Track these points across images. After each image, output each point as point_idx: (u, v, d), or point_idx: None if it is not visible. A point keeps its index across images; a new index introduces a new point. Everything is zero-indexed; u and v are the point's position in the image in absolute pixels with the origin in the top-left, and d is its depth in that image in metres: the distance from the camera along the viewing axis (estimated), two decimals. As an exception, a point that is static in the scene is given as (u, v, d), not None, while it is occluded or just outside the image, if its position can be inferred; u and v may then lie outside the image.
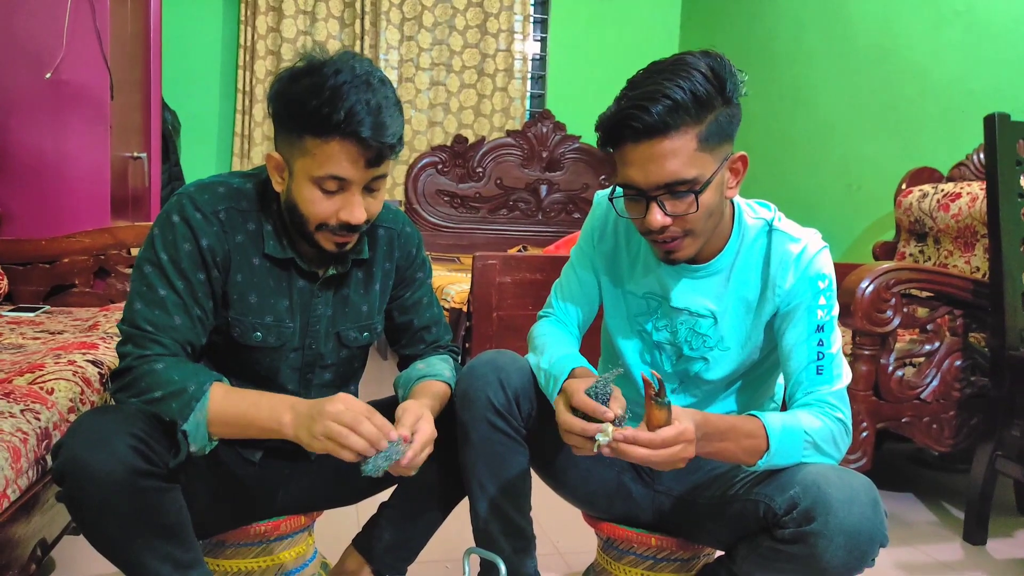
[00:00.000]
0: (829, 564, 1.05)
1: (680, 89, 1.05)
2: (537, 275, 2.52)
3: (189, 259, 1.14)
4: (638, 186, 1.10)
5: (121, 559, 1.09)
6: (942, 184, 2.63)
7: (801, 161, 3.66)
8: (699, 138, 1.07)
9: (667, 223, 1.11)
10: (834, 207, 3.41)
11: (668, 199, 1.10)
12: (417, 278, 1.37)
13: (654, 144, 1.06)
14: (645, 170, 1.08)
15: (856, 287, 1.91)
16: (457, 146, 4.37)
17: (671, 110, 1.05)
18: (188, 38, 4.03)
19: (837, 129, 3.43)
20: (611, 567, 1.45)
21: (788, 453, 1.10)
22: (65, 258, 2.20)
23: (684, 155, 1.07)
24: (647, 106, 1.05)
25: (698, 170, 1.09)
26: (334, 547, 1.47)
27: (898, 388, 1.97)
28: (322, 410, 1.04)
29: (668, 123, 1.05)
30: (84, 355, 1.44)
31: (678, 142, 1.06)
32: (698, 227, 1.14)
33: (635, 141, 1.07)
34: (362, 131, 1.05)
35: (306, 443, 1.06)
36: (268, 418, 1.08)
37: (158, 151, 2.88)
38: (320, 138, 1.07)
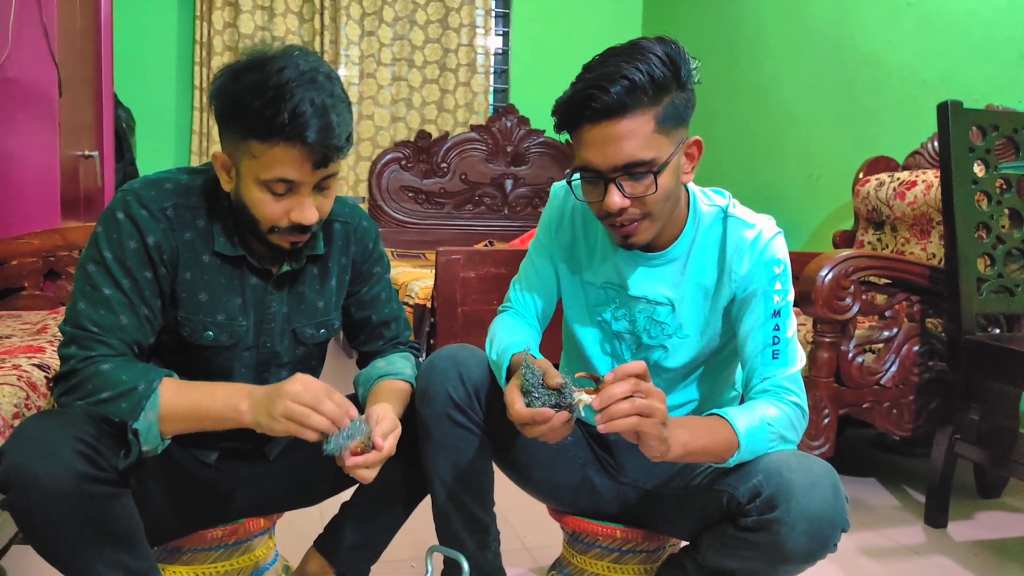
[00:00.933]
0: (792, 550, 1.06)
1: (638, 71, 1.05)
2: (502, 269, 2.51)
3: (135, 257, 1.10)
4: (596, 168, 1.10)
5: (71, 569, 1.05)
6: (898, 172, 2.67)
7: (763, 152, 3.69)
8: (656, 120, 1.07)
9: (625, 205, 1.11)
10: (796, 197, 3.45)
11: (626, 181, 1.10)
12: (374, 273, 1.34)
13: (612, 124, 1.06)
14: (603, 151, 1.08)
15: (816, 275, 1.92)
16: (421, 142, 4.34)
17: (629, 90, 1.05)
18: (141, 34, 3.94)
19: (797, 120, 3.47)
20: (577, 560, 1.45)
21: (756, 448, 1.11)
22: (13, 260, 2.13)
23: (642, 136, 1.07)
24: (605, 86, 1.04)
25: (655, 152, 1.09)
26: (296, 549, 1.44)
27: (858, 374, 2.00)
28: (281, 390, 1.02)
29: (626, 103, 1.05)
30: (30, 359, 1.39)
31: (636, 123, 1.06)
32: (655, 210, 1.13)
33: (593, 122, 1.07)
34: (307, 135, 1.02)
35: (266, 426, 1.03)
36: (224, 407, 1.06)
37: (111, 149, 2.80)
38: (264, 142, 1.03)
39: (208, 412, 1.06)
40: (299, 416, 1.01)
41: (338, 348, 3.85)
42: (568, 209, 1.33)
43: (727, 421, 1.10)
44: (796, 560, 1.09)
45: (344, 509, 1.37)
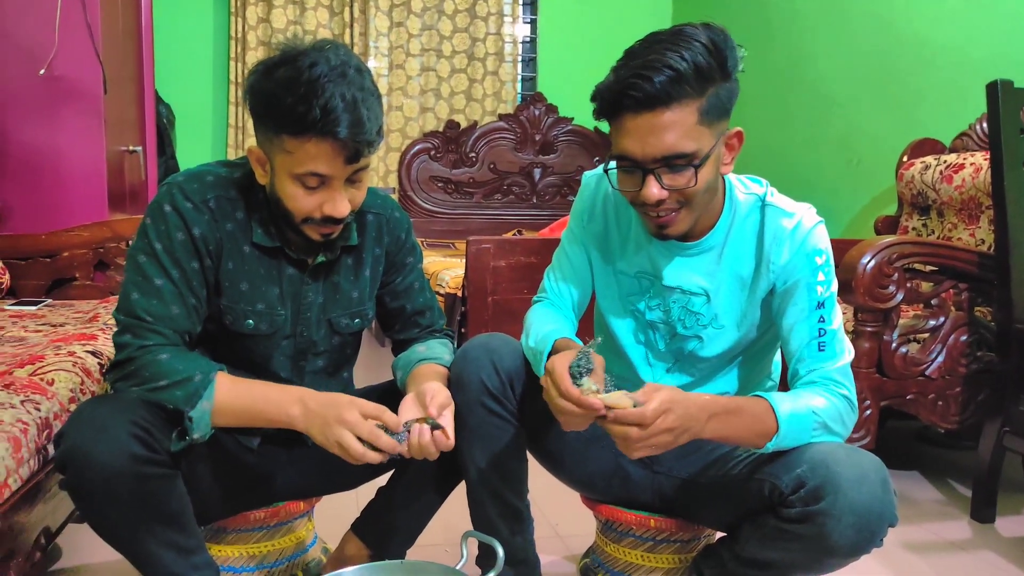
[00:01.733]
0: (837, 543, 1.05)
1: (682, 60, 1.02)
2: (532, 258, 2.51)
3: (183, 248, 1.14)
4: (635, 158, 1.08)
5: (124, 546, 1.10)
6: (944, 155, 2.59)
7: (799, 136, 3.63)
8: (699, 111, 1.05)
9: (663, 197, 1.09)
10: (834, 182, 3.38)
11: (665, 172, 1.08)
12: (407, 263, 1.37)
13: (654, 115, 1.04)
14: (643, 142, 1.06)
15: (857, 263, 1.87)
16: (449, 132, 4.36)
17: (673, 81, 1.02)
18: (179, 31, 4.01)
19: (836, 102, 3.39)
20: (610, 549, 1.46)
21: (797, 435, 1.10)
22: (65, 252, 2.21)
23: (684, 128, 1.05)
24: (649, 75, 1.02)
25: (697, 144, 1.07)
26: (334, 532, 1.48)
27: (902, 365, 1.95)
28: (340, 417, 1.05)
29: (670, 94, 1.03)
30: (84, 346, 1.45)
31: (679, 114, 1.04)
32: (694, 202, 1.12)
33: (635, 111, 1.05)
34: (339, 130, 1.03)
35: (318, 442, 1.08)
36: (276, 411, 1.10)
37: (153, 144, 2.88)
38: (297, 137, 1.05)
39: (261, 414, 1.11)
40: (356, 454, 1.04)
41: (370, 336, 3.91)
42: (600, 198, 1.32)
43: (769, 404, 1.09)
44: (840, 553, 1.07)
45: (380, 494, 1.40)
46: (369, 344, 3.78)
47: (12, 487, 1.04)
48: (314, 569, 1.46)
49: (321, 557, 1.50)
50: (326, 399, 1.08)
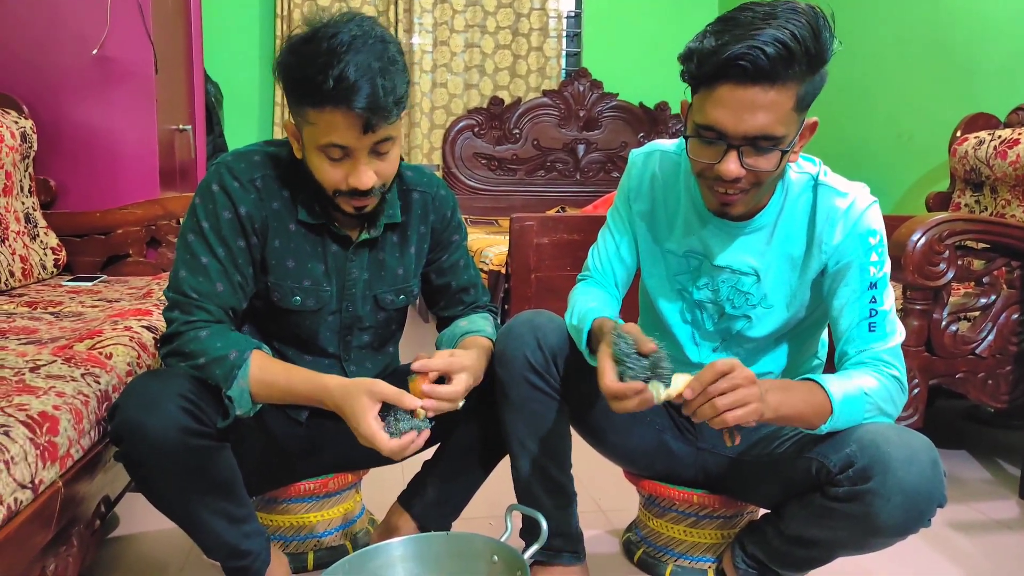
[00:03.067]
0: (885, 523, 1.04)
1: (795, 39, 0.98)
2: (575, 236, 2.50)
3: (229, 227, 1.17)
4: (725, 131, 1.04)
5: (177, 515, 1.15)
6: (999, 130, 2.51)
7: (848, 110, 3.53)
8: (797, 96, 1.02)
9: (741, 175, 1.06)
10: (884, 157, 3.30)
11: (749, 152, 1.05)
12: (453, 241, 1.38)
13: (759, 91, 1.00)
14: (739, 116, 1.02)
15: (907, 240, 1.83)
16: (493, 108, 4.34)
17: (785, 59, 0.98)
18: (226, 10, 4.05)
19: (887, 76, 3.29)
20: (653, 524, 1.47)
21: (851, 417, 1.09)
22: (119, 229, 2.27)
23: (781, 111, 1.02)
24: (763, 48, 0.97)
25: (786, 129, 1.04)
26: (381, 504, 1.51)
27: (952, 343, 1.91)
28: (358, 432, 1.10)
29: (779, 73, 0.99)
30: (139, 321, 1.49)
31: (781, 96, 1.01)
32: (763, 185, 1.10)
33: (739, 82, 1.00)
34: (352, 100, 1.04)
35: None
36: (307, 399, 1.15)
37: (202, 123, 2.93)
38: (315, 108, 1.06)
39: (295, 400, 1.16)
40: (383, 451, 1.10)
41: (414, 313, 3.94)
42: (648, 177, 1.30)
43: (822, 387, 1.08)
44: (887, 533, 1.07)
45: (426, 467, 1.43)
46: (413, 320, 3.82)
47: (74, 457, 1.08)
48: (361, 539, 1.49)
49: (368, 528, 1.53)
50: (340, 402, 1.11)
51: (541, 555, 1.29)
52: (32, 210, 2.13)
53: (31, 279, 2.03)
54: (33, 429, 0.98)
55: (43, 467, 0.98)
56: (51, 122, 2.24)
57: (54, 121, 2.24)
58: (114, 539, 1.60)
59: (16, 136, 2.05)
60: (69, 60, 2.24)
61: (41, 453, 0.98)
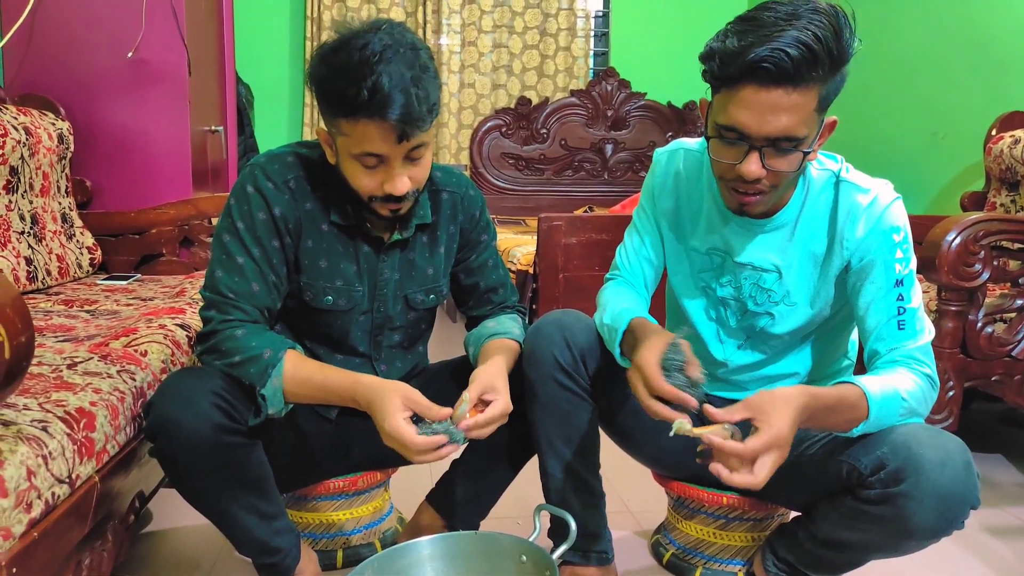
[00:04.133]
0: (918, 526, 1.03)
1: (818, 40, 0.98)
2: (603, 235, 2.50)
3: (264, 227, 1.18)
4: (747, 132, 1.04)
5: (210, 510, 1.17)
6: (1036, 129, 2.47)
7: (879, 108, 3.47)
8: (819, 97, 1.02)
9: (762, 175, 1.06)
10: (917, 156, 3.24)
11: (771, 153, 1.05)
12: (482, 241, 1.38)
13: (782, 93, 1.00)
14: (762, 118, 1.02)
15: (941, 240, 1.80)
16: (521, 108, 4.34)
17: (809, 62, 0.98)
18: (258, 12, 4.10)
19: (919, 72, 3.24)
20: (682, 526, 1.45)
21: (885, 420, 1.08)
22: (153, 229, 2.31)
23: (803, 113, 1.02)
24: (787, 50, 0.97)
25: (808, 130, 1.04)
26: (410, 503, 1.52)
27: (987, 345, 1.88)
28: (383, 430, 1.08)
29: (802, 75, 0.99)
30: (173, 319, 1.52)
31: (803, 98, 1.01)
32: (782, 185, 1.11)
33: (763, 84, 1.00)
34: (387, 111, 1.04)
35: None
36: (339, 398, 1.15)
37: (234, 124, 2.96)
38: (349, 119, 1.07)
39: (327, 400, 1.16)
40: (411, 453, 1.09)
41: (442, 312, 3.96)
42: (672, 175, 1.31)
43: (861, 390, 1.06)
44: (920, 536, 1.06)
45: (454, 466, 1.43)
46: (441, 319, 3.83)
47: (110, 452, 1.10)
48: (390, 538, 1.50)
49: (397, 527, 1.54)
50: (372, 397, 1.10)
51: (570, 556, 1.29)
52: (68, 210, 2.17)
53: (67, 278, 2.08)
54: (71, 425, 1.00)
55: (80, 463, 1.00)
56: (87, 124, 2.28)
57: (90, 123, 2.29)
58: (147, 534, 1.63)
59: (53, 137, 2.09)
60: (105, 63, 2.28)
61: (78, 449, 1.00)
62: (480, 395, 1.11)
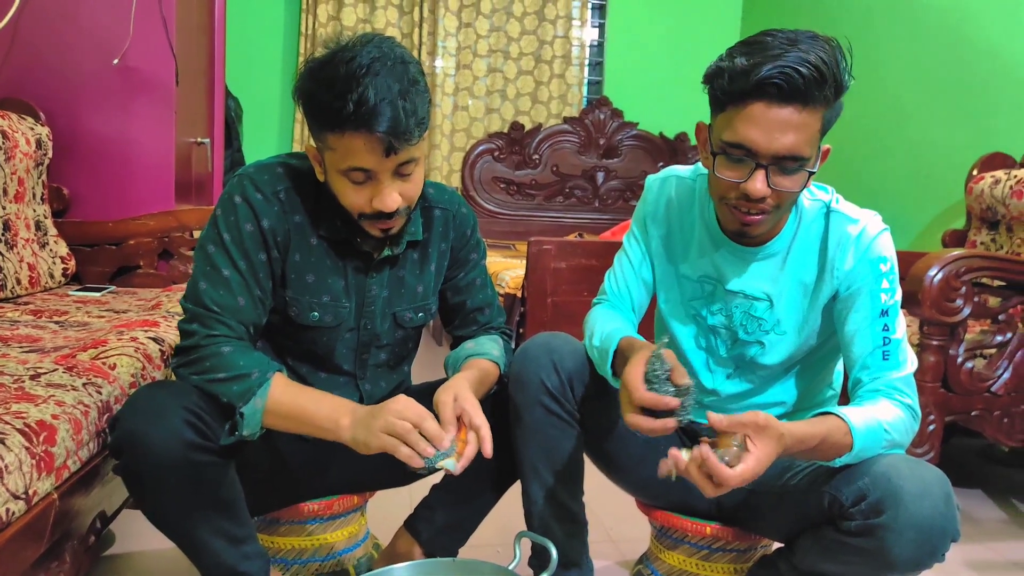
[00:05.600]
0: (897, 558, 1.03)
1: (824, 63, 1.01)
2: (593, 261, 2.48)
3: (251, 239, 1.15)
4: (755, 149, 1.04)
5: (175, 532, 1.11)
6: (1015, 170, 2.52)
7: (866, 147, 3.52)
8: (823, 119, 1.05)
9: (767, 194, 1.07)
10: (902, 194, 3.28)
11: (776, 172, 1.06)
12: (471, 259, 1.36)
13: (792, 111, 1.02)
14: (770, 135, 1.03)
15: (924, 275, 1.82)
16: (514, 133, 4.35)
17: (818, 82, 1.01)
18: (251, 26, 4.09)
19: (905, 113, 3.29)
20: (665, 556, 1.43)
21: (868, 451, 1.08)
22: (131, 240, 2.25)
23: (809, 133, 1.04)
24: (798, 68, 0.99)
25: (811, 151, 1.06)
26: (386, 528, 1.47)
27: (968, 380, 1.89)
28: (384, 407, 1.04)
29: (813, 94, 1.01)
30: (146, 332, 1.47)
31: (811, 117, 1.03)
32: (784, 207, 1.11)
33: (773, 101, 1.01)
34: (373, 124, 1.02)
35: (362, 442, 1.05)
36: (327, 418, 1.08)
37: (221, 137, 2.92)
38: (336, 133, 1.05)
39: (311, 418, 1.09)
40: (400, 431, 1.02)
41: (428, 335, 3.92)
42: (664, 202, 1.31)
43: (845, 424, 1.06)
44: (900, 568, 1.05)
45: (434, 491, 1.39)
46: (427, 342, 3.79)
47: (71, 468, 1.05)
48: (365, 565, 1.45)
49: (373, 553, 1.50)
50: (375, 406, 1.07)
51: (550, 585, 1.25)
52: (43, 218, 2.12)
53: (38, 287, 2.02)
54: (30, 438, 0.95)
55: (38, 478, 0.95)
56: (68, 130, 2.22)
57: (71, 129, 2.23)
58: (109, 557, 1.57)
59: (31, 142, 2.04)
60: (89, 68, 2.23)
61: (37, 463, 0.95)
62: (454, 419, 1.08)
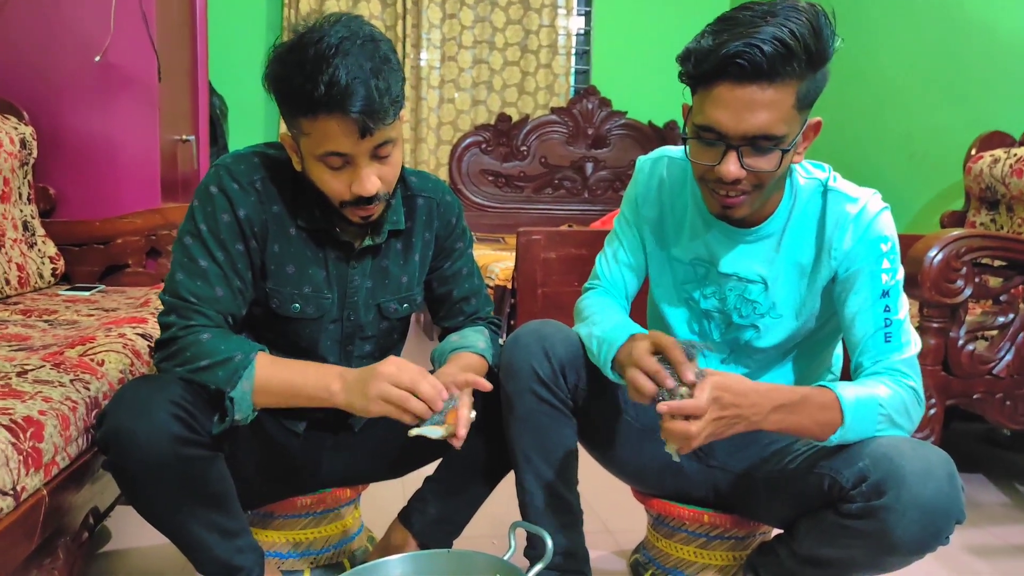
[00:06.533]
0: (900, 540, 1.01)
1: (793, 36, 0.97)
2: (583, 250, 2.47)
3: (228, 230, 1.13)
4: (723, 131, 1.02)
5: (167, 527, 1.10)
6: (1015, 148, 2.50)
7: (858, 129, 3.51)
8: (797, 95, 1.01)
9: (741, 176, 1.04)
10: (896, 177, 3.27)
11: (749, 152, 1.03)
12: (457, 248, 1.34)
13: (757, 90, 0.99)
14: (738, 116, 1.00)
15: (923, 256, 1.80)
16: (501, 125, 4.33)
17: (784, 57, 0.97)
18: (233, 22, 4.05)
19: (898, 94, 3.28)
20: (662, 544, 1.42)
21: (862, 428, 1.05)
22: (119, 239, 2.23)
23: (781, 110, 1.00)
24: (760, 46, 0.96)
25: (787, 128, 1.02)
26: (380, 521, 1.46)
27: (969, 363, 1.87)
28: (376, 372, 1.02)
29: (777, 70, 0.98)
30: (134, 328, 1.46)
31: (780, 94, 0.99)
32: (766, 187, 1.08)
33: (736, 81, 0.99)
34: (347, 105, 1.00)
35: (360, 408, 1.04)
36: (316, 386, 1.07)
37: (206, 134, 2.90)
38: (309, 117, 1.03)
39: (300, 390, 1.08)
40: (397, 399, 1.01)
41: (419, 330, 3.90)
42: (655, 183, 1.28)
43: (836, 398, 1.04)
44: (903, 551, 1.03)
45: (427, 483, 1.38)
46: (418, 337, 3.78)
47: (60, 464, 1.04)
48: (360, 557, 1.45)
49: (367, 546, 1.49)
50: (365, 369, 1.06)
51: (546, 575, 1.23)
52: (30, 218, 2.10)
53: (28, 288, 2.00)
54: (16, 434, 0.94)
55: (26, 474, 0.94)
56: (52, 129, 2.20)
57: (55, 128, 2.21)
58: (104, 554, 1.56)
59: (15, 142, 2.02)
60: (71, 66, 2.21)
61: (24, 459, 0.94)
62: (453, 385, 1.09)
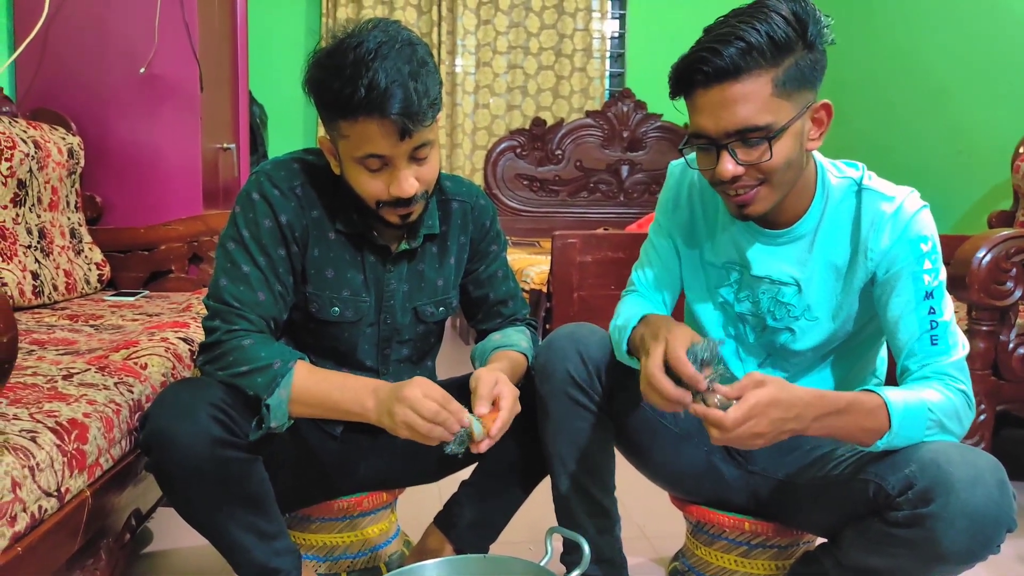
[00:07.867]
0: (948, 549, 0.97)
1: (755, 31, 0.99)
2: (619, 254, 2.46)
3: (270, 235, 1.15)
4: (708, 134, 1.05)
5: (206, 528, 1.12)
6: (1065, 146, 2.41)
7: (903, 126, 3.44)
8: (774, 83, 1.01)
9: (739, 172, 1.05)
10: (942, 175, 3.18)
11: (740, 147, 1.04)
12: (491, 251, 1.34)
13: (725, 88, 1.01)
14: (715, 116, 1.03)
15: (971, 257, 1.75)
16: (535, 129, 4.33)
17: (743, 52, 0.99)
18: (273, 32, 4.12)
19: (945, 90, 3.19)
20: (701, 552, 1.39)
21: (910, 433, 1.02)
22: (162, 245, 2.29)
23: (757, 101, 1.01)
24: (718, 48, 1.00)
25: (773, 116, 1.02)
26: (416, 525, 1.46)
27: (1020, 367, 1.81)
28: (400, 395, 1.03)
29: (740, 66, 1.00)
30: (176, 333, 1.48)
31: (750, 86, 1.00)
32: (774, 177, 1.06)
33: (705, 86, 1.02)
34: (386, 107, 1.01)
35: (389, 428, 1.05)
36: (352, 401, 1.08)
37: (246, 142, 2.95)
38: (348, 120, 1.04)
39: (337, 404, 1.09)
40: (421, 430, 1.02)
41: (454, 334, 3.91)
42: (686, 187, 1.28)
43: (880, 399, 1.01)
44: (952, 560, 0.99)
45: (464, 487, 1.38)
46: (454, 340, 3.79)
47: (104, 466, 1.06)
48: (396, 561, 1.45)
49: (403, 550, 1.49)
50: (394, 386, 1.07)
51: (582, 582, 1.22)
52: (78, 225, 2.16)
53: (75, 294, 2.05)
54: (61, 436, 0.96)
55: (70, 475, 0.96)
56: (98, 139, 2.27)
57: (101, 138, 2.27)
58: (147, 555, 1.58)
59: (63, 152, 2.08)
60: (117, 78, 2.27)
61: (68, 461, 0.96)
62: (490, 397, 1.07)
